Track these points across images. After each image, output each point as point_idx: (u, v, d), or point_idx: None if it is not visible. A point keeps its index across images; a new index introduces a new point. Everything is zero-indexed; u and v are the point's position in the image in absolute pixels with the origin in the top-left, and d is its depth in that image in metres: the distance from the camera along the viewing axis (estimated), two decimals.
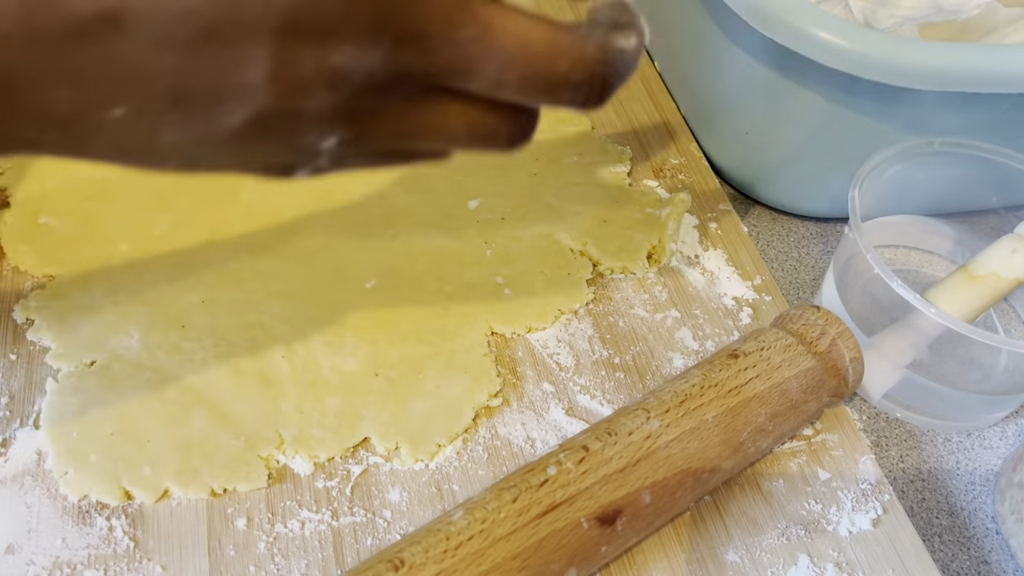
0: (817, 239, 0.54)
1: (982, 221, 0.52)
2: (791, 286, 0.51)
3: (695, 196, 0.53)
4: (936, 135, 0.47)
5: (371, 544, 0.36)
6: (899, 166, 0.47)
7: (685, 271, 0.49)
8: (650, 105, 0.58)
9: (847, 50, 0.42)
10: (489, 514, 0.32)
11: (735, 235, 0.51)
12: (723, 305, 0.47)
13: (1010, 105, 0.46)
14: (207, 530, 0.36)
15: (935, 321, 0.40)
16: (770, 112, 0.50)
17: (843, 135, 0.48)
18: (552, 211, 0.50)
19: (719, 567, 0.37)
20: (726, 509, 0.39)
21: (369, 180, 0.49)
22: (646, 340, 0.45)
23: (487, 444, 0.40)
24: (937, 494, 0.43)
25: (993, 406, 0.45)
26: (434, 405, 0.41)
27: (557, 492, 0.33)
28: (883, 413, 0.45)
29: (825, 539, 0.38)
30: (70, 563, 0.34)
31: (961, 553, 0.41)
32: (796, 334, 0.41)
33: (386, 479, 0.38)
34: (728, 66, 0.51)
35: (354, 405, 0.40)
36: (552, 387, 0.42)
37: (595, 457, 0.35)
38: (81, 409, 0.38)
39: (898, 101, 0.46)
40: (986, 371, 0.44)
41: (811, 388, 0.40)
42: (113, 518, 0.36)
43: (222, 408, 0.39)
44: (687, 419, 0.36)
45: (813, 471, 0.41)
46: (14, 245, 0.44)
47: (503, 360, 0.43)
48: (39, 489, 0.36)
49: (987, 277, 0.43)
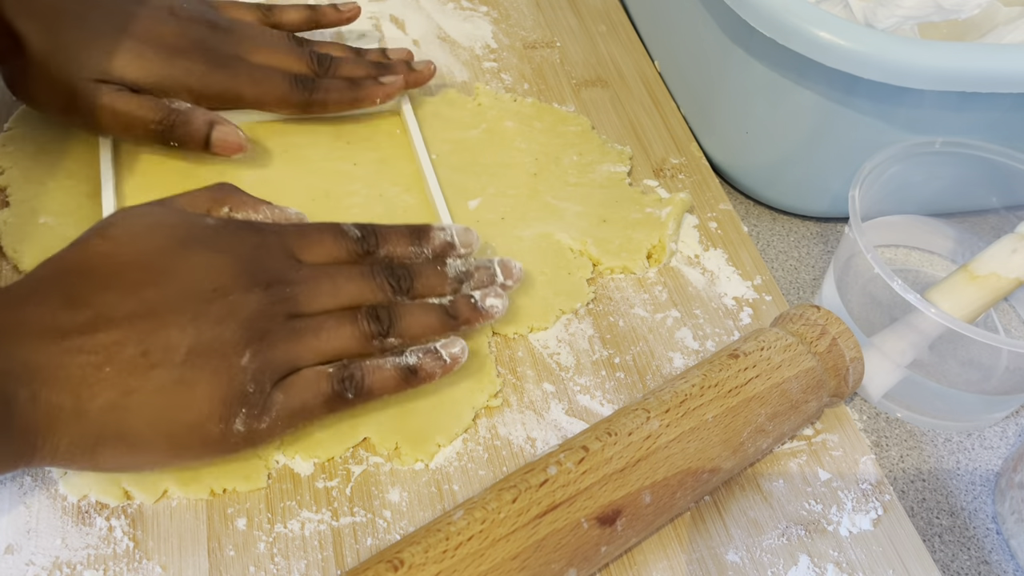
0: (817, 239, 0.54)
1: (982, 221, 0.52)
2: (791, 286, 0.51)
3: (695, 196, 0.53)
4: (936, 135, 0.47)
5: (371, 544, 0.36)
6: (899, 166, 0.47)
7: (685, 271, 0.49)
8: (650, 105, 0.58)
9: (847, 50, 0.42)
10: (489, 514, 0.32)
11: (735, 235, 0.51)
12: (723, 305, 0.47)
13: (1010, 105, 0.46)
14: (207, 530, 0.36)
15: (935, 321, 0.40)
16: (770, 112, 0.50)
17: (843, 135, 0.48)
18: (552, 211, 0.50)
19: (719, 567, 0.37)
20: (726, 509, 0.39)
21: (369, 180, 0.49)
22: (646, 340, 0.45)
23: (487, 444, 0.40)
24: (937, 494, 0.43)
25: (993, 406, 0.45)
26: (434, 405, 0.41)
27: (557, 492, 0.33)
28: (883, 413, 0.45)
29: (825, 539, 0.38)
30: (70, 563, 0.34)
31: (961, 553, 0.41)
32: (796, 334, 0.41)
33: (386, 479, 0.38)
34: (728, 66, 0.51)
35: None
36: (552, 387, 0.42)
37: (595, 457, 0.34)
38: None
39: (898, 101, 0.46)
40: (986, 371, 0.44)
41: (811, 388, 0.40)
42: (113, 518, 0.36)
43: None
44: (687, 419, 0.36)
45: (813, 471, 0.41)
46: (14, 245, 0.44)
47: (503, 360, 0.43)
48: (39, 489, 0.36)
49: (987, 277, 0.43)
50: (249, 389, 0.35)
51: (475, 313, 0.40)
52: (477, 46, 0.60)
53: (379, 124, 0.53)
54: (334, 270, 0.39)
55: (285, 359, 0.36)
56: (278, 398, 0.36)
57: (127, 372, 0.33)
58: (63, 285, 0.34)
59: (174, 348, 0.34)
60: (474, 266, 0.42)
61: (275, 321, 0.36)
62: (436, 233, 0.42)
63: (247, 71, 0.48)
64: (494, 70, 0.58)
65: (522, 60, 0.59)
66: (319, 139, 0.51)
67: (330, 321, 0.37)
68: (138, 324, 0.34)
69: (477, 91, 0.56)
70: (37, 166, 0.47)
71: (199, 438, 0.34)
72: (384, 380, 0.38)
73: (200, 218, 0.38)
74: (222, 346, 0.34)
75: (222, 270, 0.36)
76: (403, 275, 0.40)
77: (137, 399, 0.33)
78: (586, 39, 0.62)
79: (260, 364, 0.35)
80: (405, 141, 0.52)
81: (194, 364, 0.34)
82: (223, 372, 0.34)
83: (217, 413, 0.34)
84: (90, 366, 0.33)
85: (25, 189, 0.46)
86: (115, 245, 0.36)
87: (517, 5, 0.64)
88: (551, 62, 0.60)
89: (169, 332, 0.34)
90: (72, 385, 0.32)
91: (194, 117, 0.46)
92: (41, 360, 0.32)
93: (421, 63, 0.53)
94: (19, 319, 0.33)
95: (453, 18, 0.61)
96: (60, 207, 0.45)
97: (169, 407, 0.34)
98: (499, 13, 0.63)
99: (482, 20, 0.62)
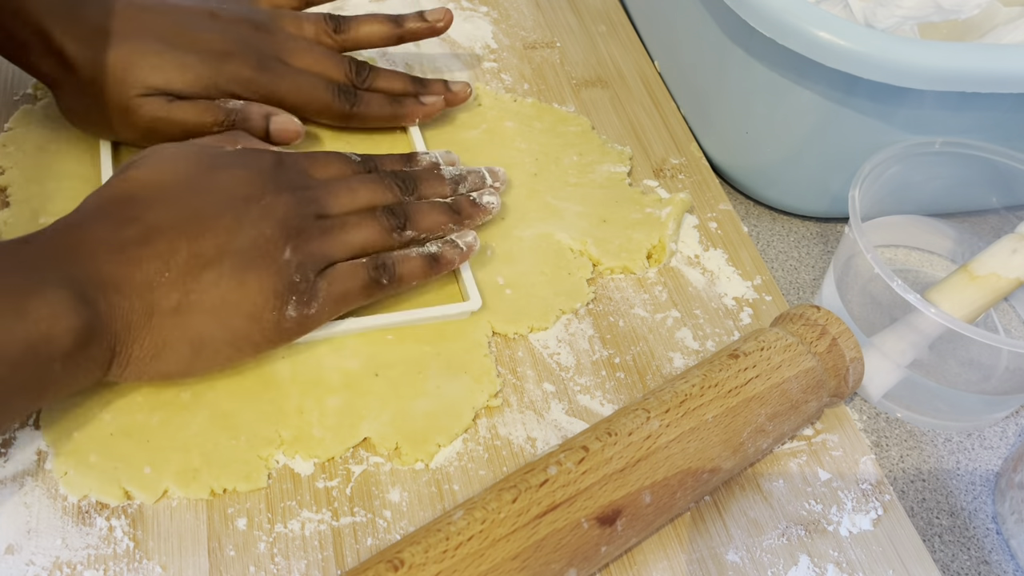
0: (817, 239, 0.54)
1: (982, 221, 0.52)
2: (791, 286, 0.51)
3: (695, 196, 0.53)
4: (936, 135, 0.47)
5: (371, 544, 0.36)
6: (899, 166, 0.47)
7: (685, 271, 0.49)
8: (650, 105, 0.58)
9: (847, 50, 0.42)
10: (489, 514, 0.32)
11: (735, 235, 0.51)
12: (723, 305, 0.47)
13: (1010, 105, 0.46)
14: (207, 530, 0.36)
15: (935, 321, 0.40)
16: (770, 112, 0.50)
17: (843, 135, 0.48)
18: (552, 211, 0.50)
19: (719, 567, 0.37)
20: (726, 509, 0.39)
21: None
22: (646, 340, 0.45)
23: (487, 444, 0.40)
24: (937, 494, 0.43)
25: (993, 406, 0.45)
26: (434, 405, 0.41)
27: (557, 492, 0.33)
28: (883, 413, 0.45)
29: (825, 539, 0.38)
30: (70, 563, 0.34)
31: (961, 553, 0.41)
32: (796, 334, 0.41)
33: (386, 479, 0.38)
34: (728, 66, 0.51)
35: (354, 405, 0.40)
36: (552, 387, 0.42)
37: (595, 457, 0.35)
38: (81, 409, 0.38)
39: (898, 101, 0.46)
40: (986, 371, 0.44)
41: (811, 388, 0.40)
42: (113, 518, 0.36)
43: (222, 408, 0.39)
44: (687, 419, 0.36)
45: (813, 471, 0.41)
46: None
47: (503, 360, 0.43)
48: (39, 489, 0.36)
49: (987, 277, 0.43)
50: (295, 279, 0.39)
51: (475, 208, 0.45)
52: (477, 46, 0.60)
53: None
54: (348, 178, 0.43)
55: (321, 253, 0.40)
56: (322, 286, 0.40)
57: (185, 273, 0.37)
58: (111, 209, 0.38)
59: (223, 248, 0.37)
60: (465, 171, 0.47)
61: (306, 220, 0.40)
62: (423, 156, 0.48)
63: (291, 77, 0.48)
64: (494, 70, 0.58)
65: (522, 60, 0.59)
66: (320, 137, 0.51)
67: (353, 218, 0.42)
68: (186, 230, 0.37)
69: (477, 91, 0.56)
70: (37, 166, 0.47)
71: (257, 328, 0.38)
72: (412, 267, 0.42)
73: (220, 148, 0.42)
74: (264, 243, 0.38)
75: (251, 181, 0.40)
76: (408, 178, 0.44)
77: (198, 298, 0.37)
78: (586, 39, 0.62)
79: (302, 257, 0.39)
80: (406, 141, 0.52)
81: (243, 261, 0.38)
82: (270, 265, 0.38)
83: (270, 303, 0.38)
84: (153, 272, 0.36)
85: (25, 189, 0.46)
86: (150, 172, 0.39)
87: (517, 5, 0.64)
88: (551, 62, 0.60)
89: (216, 235, 0.38)
90: (140, 291, 0.36)
91: (251, 113, 0.47)
92: (110, 271, 0.36)
93: (458, 84, 0.53)
94: (80, 240, 0.36)
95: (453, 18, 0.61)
96: (60, 207, 0.45)
97: (227, 302, 0.37)
98: (499, 13, 0.63)
99: (482, 20, 0.62)
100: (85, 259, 0.36)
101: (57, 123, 0.48)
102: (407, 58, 0.58)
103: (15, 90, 0.51)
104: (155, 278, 0.36)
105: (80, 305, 0.34)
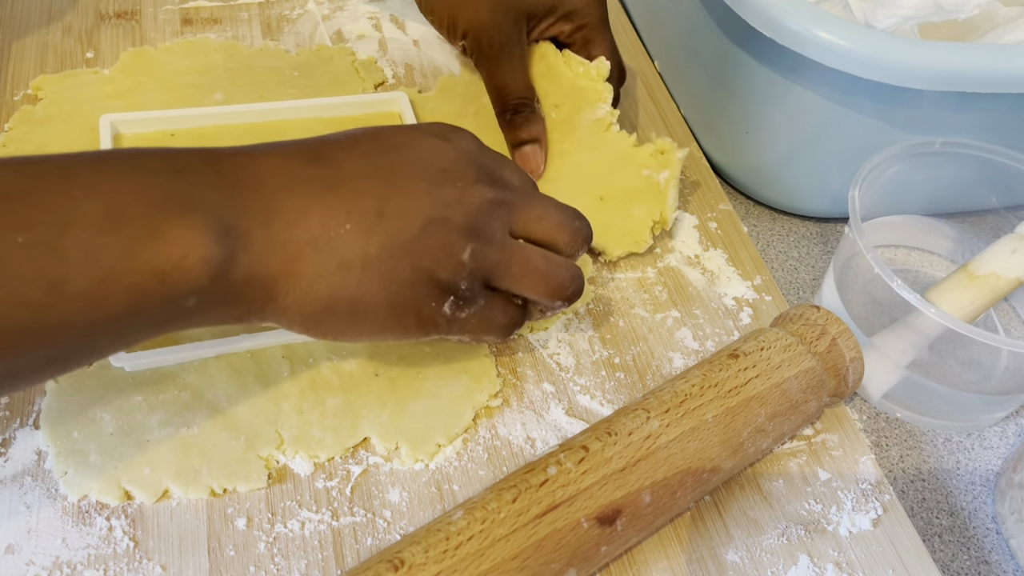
0: (817, 239, 0.54)
1: (982, 221, 0.52)
2: (791, 286, 0.51)
3: (695, 196, 0.53)
4: (936, 135, 0.47)
5: (371, 544, 0.36)
6: (899, 166, 0.47)
7: (685, 271, 0.49)
8: (650, 105, 0.58)
9: (847, 50, 0.42)
10: (489, 514, 0.32)
11: (735, 235, 0.51)
12: (723, 305, 0.47)
13: (1010, 105, 0.46)
14: (207, 530, 0.36)
15: (935, 321, 0.40)
16: (770, 112, 0.50)
17: (843, 135, 0.48)
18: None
19: (719, 567, 0.37)
20: (726, 509, 0.39)
21: None
22: (646, 340, 0.45)
23: (487, 444, 0.40)
24: (937, 494, 0.43)
25: (993, 406, 0.45)
26: (434, 405, 0.41)
27: (557, 492, 0.33)
28: (883, 413, 0.45)
29: (825, 539, 0.38)
30: (70, 563, 0.34)
31: (961, 553, 0.41)
32: (796, 334, 0.41)
33: (386, 479, 0.38)
34: (728, 66, 0.51)
35: (354, 405, 0.40)
36: (552, 387, 0.42)
37: (595, 457, 0.35)
38: (81, 409, 0.38)
39: (898, 101, 0.46)
40: (986, 371, 0.44)
41: (811, 388, 0.40)
42: (113, 518, 0.36)
43: (222, 408, 0.39)
44: (687, 419, 0.36)
45: (813, 471, 0.41)
46: None
47: (503, 360, 0.43)
48: (39, 489, 0.36)
49: (987, 277, 0.43)
50: (462, 286, 0.35)
51: None
52: None
53: (379, 122, 0.53)
54: (542, 196, 0.39)
55: (492, 273, 0.36)
56: (480, 301, 0.36)
57: (366, 230, 0.33)
58: (305, 147, 0.35)
59: (409, 214, 0.34)
60: None
61: (495, 229, 0.36)
62: None
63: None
64: None
65: None
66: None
67: (540, 263, 0.37)
68: (376, 183, 0.34)
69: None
70: None
71: (414, 313, 0.35)
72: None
73: None
74: (448, 232, 0.35)
75: (450, 155, 0.37)
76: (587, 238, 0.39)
77: (373, 261, 0.33)
78: None
79: (476, 266, 0.35)
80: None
81: (424, 237, 0.34)
82: (448, 260, 0.35)
83: (433, 294, 0.35)
84: (332, 219, 0.33)
85: None
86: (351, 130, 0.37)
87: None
88: None
89: (404, 198, 0.34)
90: (314, 232, 0.32)
91: None
92: (284, 203, 0.32)
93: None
94: (260, 168, 0.33)
95: None
96: None
97: (396, 278, 0.34)
98: None
99: None
100: (260, 186, 0.32)
101: (57, 124, 0.48)
102: (407, 58, 0.58)
103: (15, 90, 0.51)
104: (335, 228, 0.33)
105: (225, 236, 0.30)
